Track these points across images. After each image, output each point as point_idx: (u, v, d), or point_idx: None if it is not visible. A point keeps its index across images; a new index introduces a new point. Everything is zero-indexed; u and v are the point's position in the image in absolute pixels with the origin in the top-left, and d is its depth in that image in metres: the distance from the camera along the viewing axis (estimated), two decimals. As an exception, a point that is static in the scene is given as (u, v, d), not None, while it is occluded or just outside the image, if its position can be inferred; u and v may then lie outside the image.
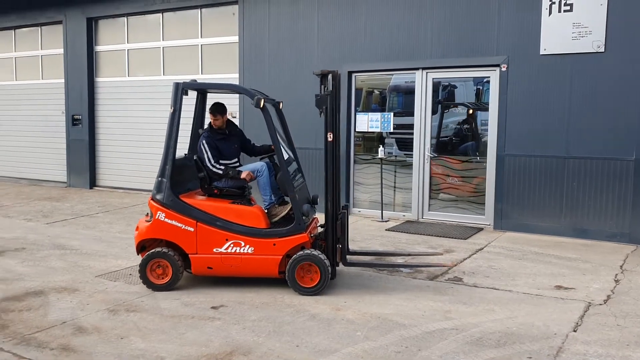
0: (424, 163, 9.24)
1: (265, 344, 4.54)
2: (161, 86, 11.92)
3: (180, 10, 11.63)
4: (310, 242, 5.85)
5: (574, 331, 4.80)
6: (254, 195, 6.49)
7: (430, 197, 9.31)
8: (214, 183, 6.14)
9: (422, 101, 9.20)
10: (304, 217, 5.75)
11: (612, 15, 7.67)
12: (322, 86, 5.85)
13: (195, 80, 6.39)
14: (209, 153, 6.06)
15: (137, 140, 12.41)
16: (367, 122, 9.58)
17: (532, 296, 5.69)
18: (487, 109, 8.80)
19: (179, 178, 6.12)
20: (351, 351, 4.42)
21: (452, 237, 8.16)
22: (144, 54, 12.34)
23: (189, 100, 6.23)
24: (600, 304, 5.46)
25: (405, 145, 9.65)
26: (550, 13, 8.02)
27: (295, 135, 10.01)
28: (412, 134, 9.35)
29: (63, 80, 13.22)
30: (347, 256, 6.08)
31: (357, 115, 9.74)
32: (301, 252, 5.70)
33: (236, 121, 10.48)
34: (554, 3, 7.99)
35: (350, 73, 9.69)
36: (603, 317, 5.12)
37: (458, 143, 9.68)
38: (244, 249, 5.77)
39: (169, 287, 5.87)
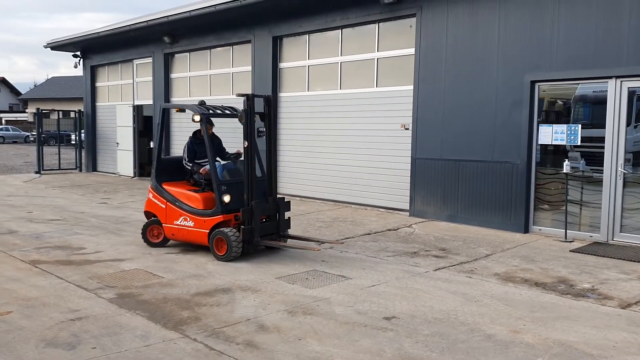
0: (615, 179, 8.43)
1: (438, 360, 4.44)
2: (338, 99, 12.35)
3: (358, 25, 11.96)
4: (233, 223, 7.54)
5: None
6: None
7: (622, 217, 8.46)
8: (193, 175, 8.24)
9: (615, 112, 8.42)
10: (222, 204, 7.50)
11: None
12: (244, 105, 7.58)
13: (204, 102, 8.30)
14: (186, 153, 8.32)
15: (314, 151, 12.95)
16: (552, 134, 9.00)
17: None
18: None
19: (172, 171, 8.42)
20: (532, 377, 4.16)
21: (649, 263, 7.33)
22: (322, 69, 12.87)
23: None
24: None
25: (593, 159, 8.90)
26: None
27: (471, 148, 9.84)
28: (601, 147, 8.59)
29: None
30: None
31: (540, 127, 9.20)
32: (217, 229, 7.49)
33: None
34: None
35: (533, 82, 9.20)
36: None
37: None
38: (189, 223, 7.85)
39: (159, 245, 8.26)
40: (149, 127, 18.17)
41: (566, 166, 8.69)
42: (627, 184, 8.43)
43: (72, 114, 22.74)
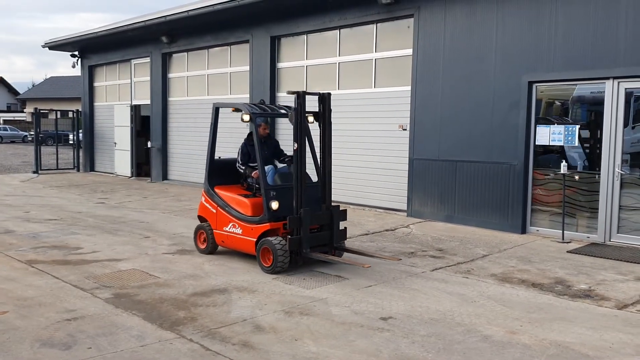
0: (613, 180, 8.44)
1: (435, 361, 4.44)
2: (336, 100, 12.14)
3: (356, 26, 11.95)
4: (282, 232, 6.96)
5: None
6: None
7: (619, 218, 8.46)
8: (247, 179, 7.74)
9: (613, 113, 8.42)
10: (270, 210, 6.95)
11: None
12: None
13: (264, 101, 7.79)
14: (239, 156, 7.81)
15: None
16: (549, 134, 9.00)
17: None
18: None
19: (225, 174, 7.96)
20: (528, 378, 4.15)
21: (646, 264, 7.34)
22: (320, 69, 12.87)
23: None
24: None
25: (591, 160, 8.91)
26: None
27: (468, 148, 9.85)
28: (599, 148, 8.60)
29: (248, 95, 14.26)
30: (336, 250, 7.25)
31: (537, 128, 9.20)
32: (264, 238, 6.94)
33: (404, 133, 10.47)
34: None
35: (530, 83, 9.20)
36: None
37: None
38: (237, 230, 7.38)
39: (206, 251, 7.81)
40: (147, 127, 18.15)
41: (564, 167, 8.69)
42: (624, 185, 8.43)
43: (70, 114, 22.79)
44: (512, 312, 5.57)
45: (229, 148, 15.07)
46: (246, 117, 7.18)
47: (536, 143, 9.26)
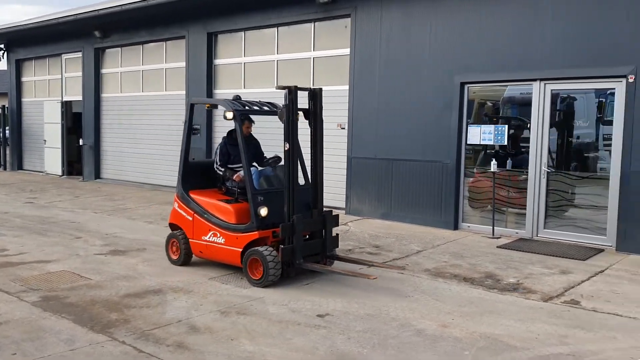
0: (540, 178, 8.81)
1: (369, 357, 4.51)
2: (275, 98, 12.26)
3: (294, 24, 11.96)
4: (271, 240, 6.41)
5: None
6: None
7: (546, 214, 8.84)
8: (225, 182, 7.09)
9: (540, 114, 8.79)
10: (258, 217, 6.35)
11: None
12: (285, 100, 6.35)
13: (239, 97, 7.14)
14: (218, 156, 7.17)
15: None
16: (480, 134, 9.30)
17: (661, 326, 5.23)
18: (610, 123, 8.24)
19: (200, 177, 7.30)
20: (458, 370, 4.29)
21: (570, 258, 7.70)
22: (259, 67, 12.80)
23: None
24: None
25: (519, 159, 9.26)
26: (687, 19, 7.39)
27: (406, 148, 10.04)
28: (526, 147, 8.95)
29: (184, 92, 14.02)
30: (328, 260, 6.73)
31: (469, 128, 9.49)
32: (252, 248, 6.33)
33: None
34: (692, 8, 7.35)
35: (462, 84, 9.47)
36: None
37: (577, 158, 9.15)
38: (219, 239, 6.72)
39: (179, 262, 7.12)
40: (78, 124, 17.53)
41: (494, 165, 9.00)
42: (550, 183, 8.82)
43: (-5, 110, 21.68)
44: (444, 306, 5.73)
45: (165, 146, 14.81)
46: (229, 115, 6.61)
47: (468, 142, 9.54)
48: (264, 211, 6.38)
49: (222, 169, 7.10)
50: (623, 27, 7.89)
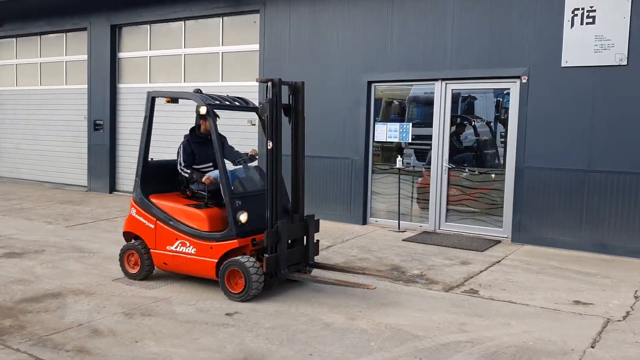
0: (441, 174, 9.19)
1: (278, 352, 4.53)
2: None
3: (202, 18, 11.76)
4: (250, 249, 5.85)
5: (592, 347, 4.72)
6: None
7: (447, 208, 9.25)
8: (190, 186, 6.43)
9: (441, 112, 9.16)
10: (237, 224, 5.76)
11: (635, 28, 7.59)
12: (266, 94, 5.86)
13: (200, 90, 6.40)
14: (182, 157, 6.39)
15: (156, 146, 12.43)
16: (386, 132, 9.57)
17: (550, 311, 5.61)
18: (506, 121, 8.74)
19: (160, 179, 6.58)
20: (364, 361, 4.40)
21: (469, 249, 8.10)
22: (165, 61, 12.48)
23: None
24: (619, 321, 5.36)
25: (424, 156, 9.61)
26: (572, 25, 7.96)
27: (318, 145, 10.13)
28: (430, 144, 9.32)
29: (86, 86, 13.42)
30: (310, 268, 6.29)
31: (375, 125, 9.73)
32: (231, 258, 5.74)
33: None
34: (576, 15, 7.93)
35: (369, 83, 9.70)
36: (622, 333, 5.04)
37: (476, 154, 9.63)
38: (188, 249, 6.01)
39: (139, 276, 6.36)
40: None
41: (399, 162, 9.30)
42: (451, 178, 9.22)
43: None
44: (352, 300, 5.85)
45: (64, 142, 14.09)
46: (202, 110, 5.94)
47: (375, 140, 9.79)
48: (244, 217, 5.79)
49: (188, 171, 6.36)
50: (518, 30, 8.38)
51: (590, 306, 5.77)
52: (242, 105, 6.56)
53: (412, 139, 9.46)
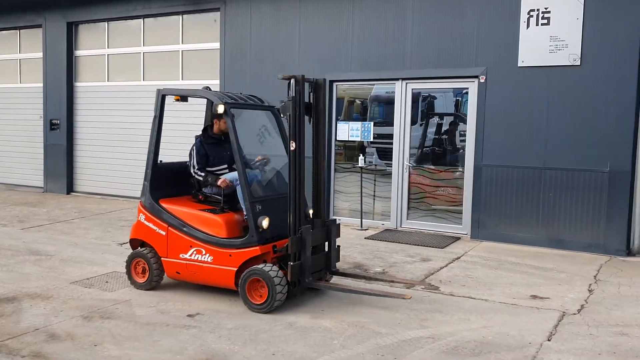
0: (403, 172, 9.30)
1: (240, 353, 4.51)
2: (141, 92, 11.84)
3: (161, 16, 11.60)
4: (271, 256, 5.54)
5: (548, 340, 4.85)
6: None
7: (409, 206, 9.36)
8: (202, 189, 6.12)
9: (402, 111, 9.26)
10: (258, 230, 5.47)
11: (587, 29, 7.82)
12: (289, 92, 5.65)
13: (209, 88, 6.13)
14: (195, 159, 6.07)
15: (115, 146, 12.29)
16: (348, 131, 9.62)
17: (508, 305, 5.74)
18: (465, 120, 8.90)
19: (169, 182, 6.23)
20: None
21: (430, 246, 8.21)
22: (124, 59, 12.27)
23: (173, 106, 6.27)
24: (574, 314, 5.52)
25: (386, 154, 9.70)
26: (528, 26, 8.16)
27: (277, 143, 10.08)
28: (392, 143, 9.41)
29: (42, 85, 13.08)
30: (332, 275, 6.03)
31: (337, 124, 9.77)
32: (252, 267, 5.42)
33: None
34: (532, 16, 8.12)
35: (331, 82, 9.72)
36: (577, 326, 5.19)
37: (436, 153, 9.77)
38: (205, 257, 5.67)
39: (147, 286, 6.00)
40: None
41: (361, 161, 9.36)
42: (412, 176, 9.33)
43: None
44: (315, 298, 5.86)
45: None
46: (220, 109, 5.61)
47: (337, 139, 9.82)
48: (265, 222, 5.47)
49: (202, 174, 6.03)
50: (476, 30, 8.53)
51: (546, 300, 5.92)
52: (258, 104, 6.30)
53: (374, 138, 9.54)
